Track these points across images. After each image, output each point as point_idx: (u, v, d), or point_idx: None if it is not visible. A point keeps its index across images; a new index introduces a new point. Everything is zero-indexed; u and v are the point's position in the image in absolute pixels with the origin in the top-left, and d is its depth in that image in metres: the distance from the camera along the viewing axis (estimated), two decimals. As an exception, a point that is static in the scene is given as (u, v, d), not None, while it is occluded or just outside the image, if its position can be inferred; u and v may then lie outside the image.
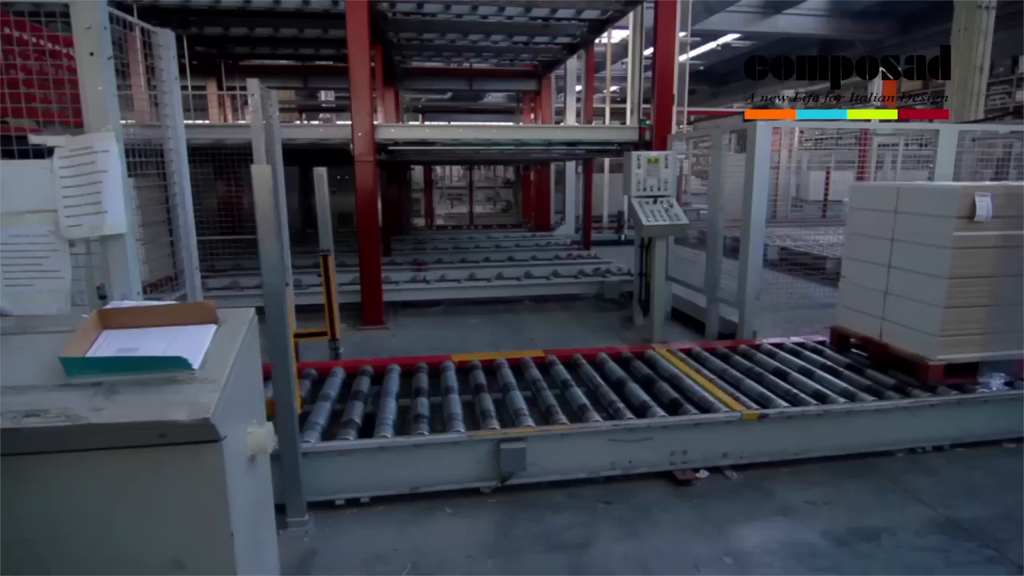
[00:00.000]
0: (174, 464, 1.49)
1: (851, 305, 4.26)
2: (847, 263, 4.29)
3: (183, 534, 1.55)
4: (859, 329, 4.18)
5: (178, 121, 2.66)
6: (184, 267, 2.75)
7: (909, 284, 3.74)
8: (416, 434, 3.06)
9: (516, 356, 4.23)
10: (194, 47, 9.59)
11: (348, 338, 5.96)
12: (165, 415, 1.47)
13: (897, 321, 3.86)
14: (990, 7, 12.69)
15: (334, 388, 3.70)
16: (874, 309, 4.01)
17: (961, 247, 3.46)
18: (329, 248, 4.19)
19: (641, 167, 5.63)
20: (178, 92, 2.66)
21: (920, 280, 3.66)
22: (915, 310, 3.71)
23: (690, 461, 3.25)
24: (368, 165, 5.96)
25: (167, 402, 1.50)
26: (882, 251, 3.91)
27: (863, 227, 4.10)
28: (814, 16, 20.64)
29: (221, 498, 1.55)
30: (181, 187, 2.70)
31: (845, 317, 4.33)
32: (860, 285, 4.14)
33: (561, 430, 3.13)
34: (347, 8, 5.74)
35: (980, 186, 3.52)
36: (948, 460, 3.44)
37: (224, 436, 1.52)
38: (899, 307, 3.83)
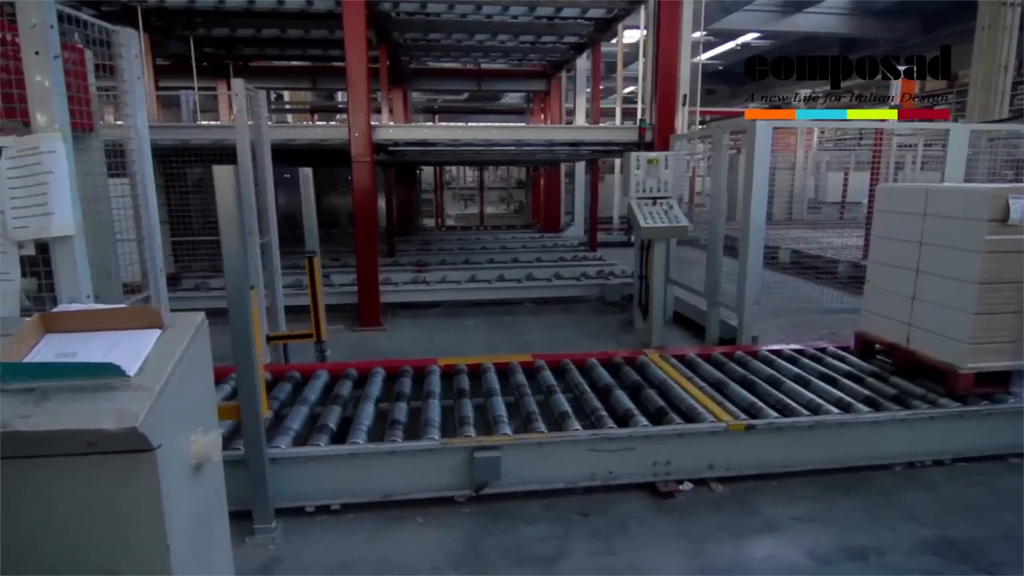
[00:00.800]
0: (107, 473, 1.46)
1: (877, 310, 4.12)
2: (872, 267, 4.16)
3: (117, 544, 1.52)
4: (885, 335, 4.04)
5: (140, 121, 2.62)
6: (148, 269, 2.72)
7: (938, 289, 3.60)
8: (389, 441, 2.99)
9: (503, 360, 4.15)
10: (203, 48, 9.68)
11: (344, 339, 5.94)
12: (93, 424, 1.43)
13: (925, 327, 3.71)
14: (1015, 4, 12.31)
15: (315, 392, 3.65)
16: (901, 315, 3.87)
17: (993, 251, 3.30)
18: (315, 250, 4.15)
19: (640, 168, 5.51)
20: (141, 91, 2.63)
21: (950, 285, 3.51)
22: (944, 316, 3.56)
23: (674, 472, 3.14)
24: (365, 165, 5.92)
25: (97, 410, 1.46)
26: (910, 255, 3.77)
27: (890, 230, 3.96)
28: (835, 15, 20.27)
29: (156, 508, 1.51)
30: (144, 187, 2.65)
31: (870, 322, 4.19)
32: (886, 290, 4.00)
33: (538, 439, 3.04)
34: (344, 8, 5.72)
35: (1014, 188, 3.37)
36: (948, 475, 3.28)
37: (158, 445, 1.48)
38: (927, 313, 3.69)
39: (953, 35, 16.12)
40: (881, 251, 4.06)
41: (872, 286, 4.15)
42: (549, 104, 11.63)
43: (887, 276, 3.99)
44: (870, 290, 4.17)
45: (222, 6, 7.45)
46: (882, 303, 4.04)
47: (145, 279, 2.70)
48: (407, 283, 7.10)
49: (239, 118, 3.82)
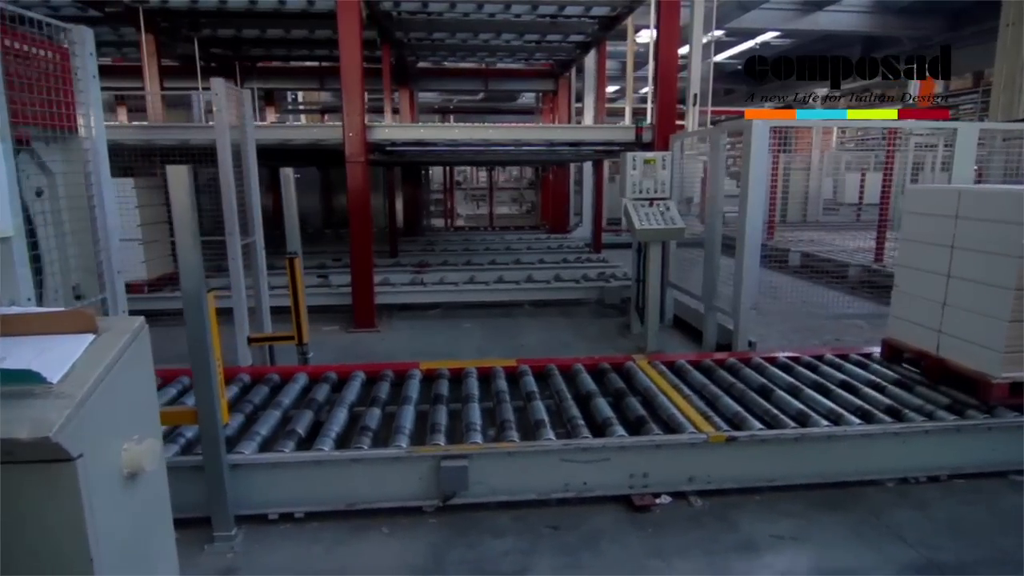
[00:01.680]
0: (26, 484, 1.41)
1: (905, 316, 3.98)
2: (901, 271, 4.03)
3: (38, 557, 1.47)
4: (913, 342, 3.90)
5: (97, 120, 2.57)
6: (104, 271, 2.67)
7: (971, 295, 3.46)
8: (355, 448, 2.92)
9: (486, 365, 4.06)
10: (210, 49, 9.74)
11: (336, 341, 5.90)
12: (7, 432, 1.38)
13: (957, 335, 3.57)
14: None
15: (290, 395, 3.59)
16: (931, 321, 3.73)
17: None
18: (296, 250, 4.09)
19: (637, 168, 5.39)
20: (96, 91, 2.58)
21: (983, 291, 3.37)
22: (977, 323, 3.41)
23: (651, 485, 3.02)
24: (359, 166, 5.87)
25: (12, 418, 1.41)
26: (940, 259, 3.63)
27: (919, 233, 3.83)
28: (857, 13, 19.84)
29: (78, 520, 1.46)
30: (99, 188, 2.60)
31: (898, 329, 4.05)
32: (915, 295, 3.87)
33: (508, 448, 2.94)
34: (338, 8, 5.67)
35: None
36: (943, 493, 3.12)
37: (79, 455, 1.42)
38: (959, 320, 3.55)
39: (979, 33, 15.71)
40: (910, 255, 3.93)
41: (900, 291, 4.02)
42: (557, 104, 11.51)
43: (916, 281, 3.85)
44: (898, 295, 4.04)
45: (224, 6, 7.47)
46: (911, 309, 3.90)
47: (102, 280, 2.65)
48: (405, 284, 7.05)
49: (217, 118, 3.78)
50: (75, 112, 4.19)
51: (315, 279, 7.27)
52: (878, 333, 6.23)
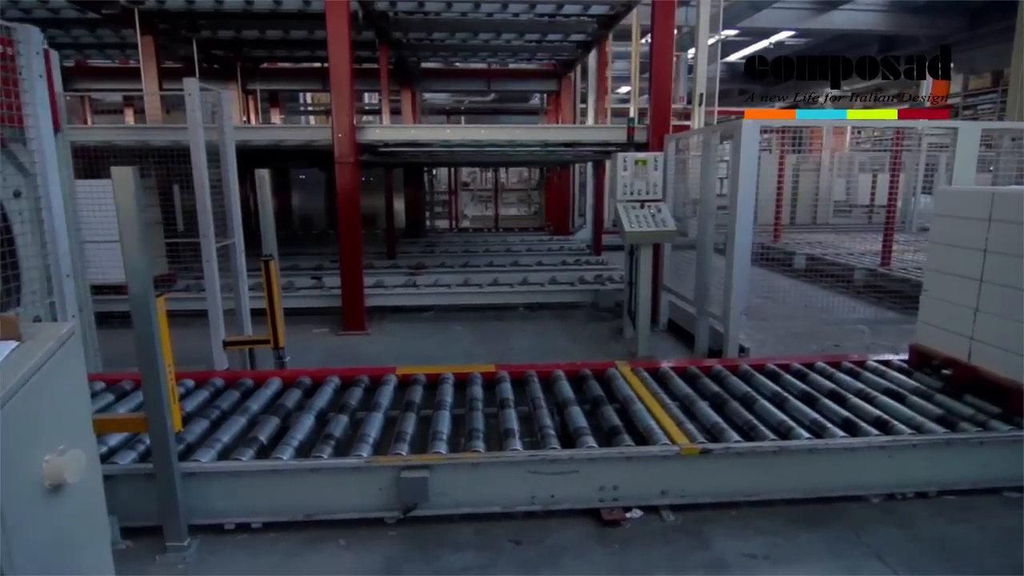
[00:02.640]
0: None
1: (934, 322, 3.85)
2: (929, 275, 3.90)
3: None
4: (943, 349, 3.76)
5: (43, 120, 2.52)
6: (52, 275, 2.62)
7: (1005, 301, 3.32)
8: (314, 457, 2.84)
9: (464, 370, 3.96)
10: (210, 50, 9.76)
11: (324, 343, 5.85)
12: None
13: (989, 342, 3.44)
14: (1060, -3, 11.56)
15: (260, 401, 3.52)
16: (962, 328, 3.60)
17: None
18: (272, 253, 4.03)
19: (627, 169, 5.28)
20: (44, 91, 2.53)
21: (1018, 297, 3.23)
22: (1011, 330, 3.28)
23: (622, 498, 2.90)
24: (348, 167, 5.81)
25: None
26: (972, 263, 3.50)
27: (950, 236, 3.70)
28: (873, 11, 19.49)
29: None
30: (46, 190, 2.55)
31: (927, 335, 3.92)
32: (945, 300, 3.74)
33: (472, 459, 2.84)
34: (326, 7, 5.61)
35: None
36: (931, 510, 2.96)
37: None
38: (992, 326, 3.42)
39: (998, 32, 15.38)
40: (939, 259, 3.80)
41: (929, 296, 3.89)
42: (560, 104, 11.40)
43: (946, 285, 3.72)
44: (927, 300, 3.91)
45: (221, 7, 7.45)
46: (940, 314, 3.78)
47: (49, 284, 2.60)
48: (398, 286, 6.98)
49: (190, 118, 3.73)
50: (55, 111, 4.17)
51: (309, 280, 7.25)
52: (879, 339, 6.07)
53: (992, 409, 3.32)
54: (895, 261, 8.13)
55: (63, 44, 9.86)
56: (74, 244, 4.20)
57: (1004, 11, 13.95)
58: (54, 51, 4.17)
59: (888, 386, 3.72)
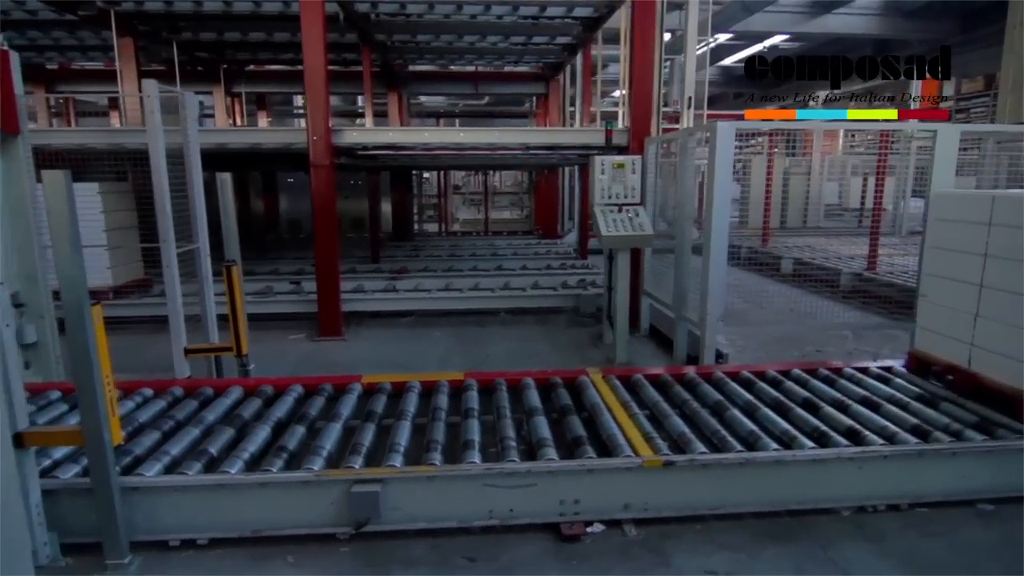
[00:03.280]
0: None
1: (933, 328, 3.81)
2: (927, 280, 3.86)
3: None
4: (943, 355, 3.71)
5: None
6: (-17, 282, 2.51)
7: (1006, 306, 3.27)
8: (262, 471, 2.74)
9: (431, 379, 3.87)
10: (193, 52, 9.67)
11: (297, 350, 5.75)
12: None
13: (990, 348, 3.39)
14: (1049, 1, 11.55)
15: (217, 411, 3.42)
16: (962, 333, 3.55)
17: None
18: (235, 259, 3.94)
19: (605, 173, 5.20)
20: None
21: (1019, 302, 3.18)
22: (1013, 336, 3.23)
23: (583, 512, 2.81)
24: (324, 170, 5.72)
25: None
26: (972, 268, 3.46)
27: (948, 240, 3.66)
28: (866, 15, 19.52)
29: None
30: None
31: (926, 340, 3.88)
32: (944, 305, 3.70)
33: (427, 472, 2.75)
34: (301, 8, 5.54)
35: None
36: (902, 523, 2.87)
37: None
38: (993, 332, 3.37)
39: (991, 35, 15.42)
40: (938, 263, 3.76)
41: (928, 301, 3.85)
42: (547, 107, 11.34)
43: (945, 290, 3.68)
44: (925, 305, 3.87)
45: (200, 9, 7.38)
46: (939, 320, 3.73)
47: None
48: (378, 291, 6.89)
49: (149, 120, 3.64)
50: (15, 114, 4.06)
51: (288, 285, 7.16)
52: (862, 344, 6.00)
53: (997, 417, 3.26)
54: (882, 265, 8.06)
55: (44, 46, 9.77)
56: (36, 248, 4.12)
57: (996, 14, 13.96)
58: (14, 52, 4.09)
59: (864, 394, 3.63)
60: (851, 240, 11.28)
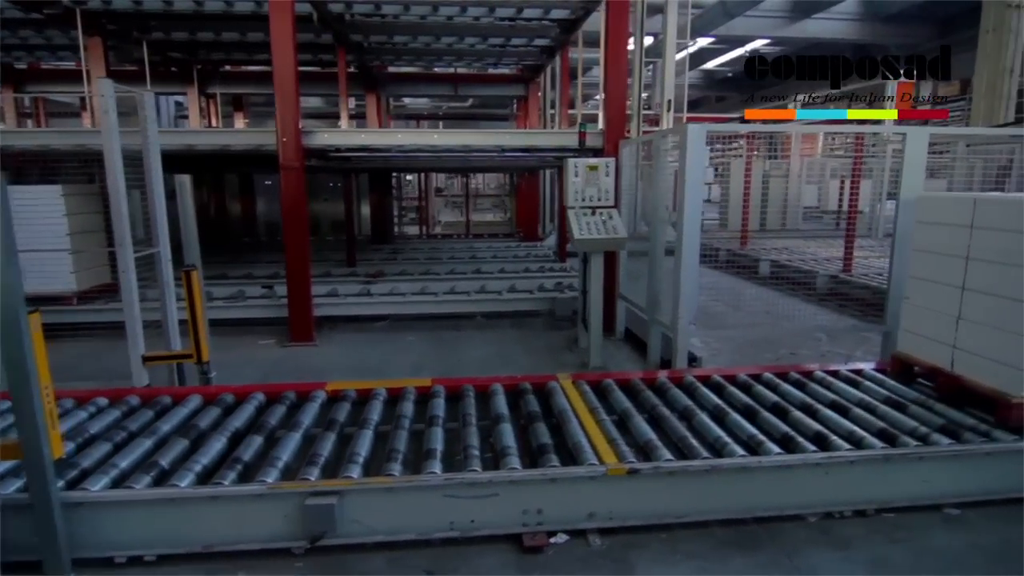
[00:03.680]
0: None
1: (916, 330, 3.81)
2: (912, 283, 3.87)
3: None
4: (925, 358, 3.72)
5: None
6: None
7: (988, 309, 3.28)
8: (213, 484, 2.65)
9: (397, 385, 3.79)
10: (166, 53, 9.50)
11: (267, 356, 5.64)
12: None
13: (972, 351, 3.39)
14: (1020, 6, 11.74)
15: (173, 421, 3.32)
16: (944, 336, 3.55)
17: None
18: (195, 263, 3.83)
19: (579, 175, 5.15)
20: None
21: (1002, 305, 3.19)
22: (995, 339, 3.24)
23: (547, 522, 2.75)
24: (294, 172, 5.61)
25: None
26: (954, 270, 3.46)
27: (931, 243, 3.67)
28: (845, 20, 19.79)
29: None
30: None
31: (908, 343, 3.88)
32: (927, 308, 3.69)
33: (385, 483, 2.67)
34: (270, 8, 5.44)
35: None
36: (868, 529, 2.85)
37: None
38: (975, 335, 3.37)
39: (967, 40, 15.69)
40: (921, 266, 3.76)
41: (911, 304, 3.85)
42: (527, 109, 11.30)
43: (928, 293, 3.68)
44: (908, 308, 3.87)
45: (170, 9, 7.24)
46: (922, 323, 3.73)
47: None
48: (352, 296, 6.79)
49: (104, 121, 3.52)
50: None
51: (260, 290, 7.02)
52: (836, 346, 6.01)
53: (966, 420, 3.27)
54: (858, 268, 8.11)
55: (12, 46, 9.55)
56: None
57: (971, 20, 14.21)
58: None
59: (833, 398, 3.62)
60: (829, 242, 11.38)
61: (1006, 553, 2.70)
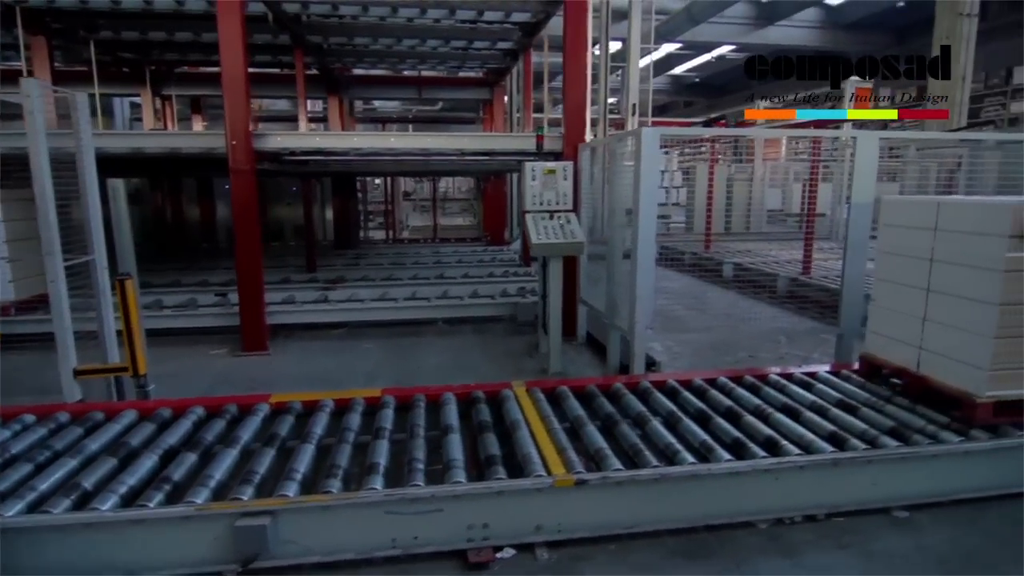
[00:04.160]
0: None
1: (883, 332, 3.84)
2: (879, 285, 3.89)
3: None
4: (892, 358, 3.75)
5: None
6: None
7: (952, 310, 3.31)
8: (137, 507, 2.50)
9: (345, 396, 3.67)
10: (117, 53, 9.18)
11: (216, 366, 5.44)
12: None
13: (937, 351, 3.42)
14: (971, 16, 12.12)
15: (103, 439, 3.14)
16: (910, 337, 3.58)
17: (1014, 270, 3.03)
18: (129, 271, 3.66)
19: (537, 179, 5.09)
20: None
21: (965, 306, 3.23)
22: (959, 339, 3.27)
23: (493, 537, 2.66)
24: (245, 175, 5.44)
25: None
26: (919, 273, 3.49)
27: (896, 245, 3.70)
28: (806, 28, 20.30)
29: None
30: None
31: (876, 344, 3.90)
32: (893, 310, 3.72)
33: (322, 501, 2.55)
34: (218, 7, 5.26)
35: None
36: (818, 534, 2.83)
37: None
38: (940, 336, 3.40)
39: (922, 47, 16.21)
40: (887, 268, 3.79)
41: (878, 305, 3.88)
42: (492, 112, 11.24)
43: (894, 295, 3.70)
44: (875, 310, 3.90)
45: (118, 7, 6.98)
46: (889, 324, 3.77)
47: None
48: (308, 303, 6.62)
49: (30, 122, 3.34)
50: None
51: (213, 297, 6.81)
52: (794, 348, 6.05)
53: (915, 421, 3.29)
54: (817, 270, 8.22)
55: (-50, 45, 9.12)
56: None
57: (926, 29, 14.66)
58: None
59: (785, 401, 3.61)
60: (791, 245, 11.56)
61: (952, 555, 2.70)
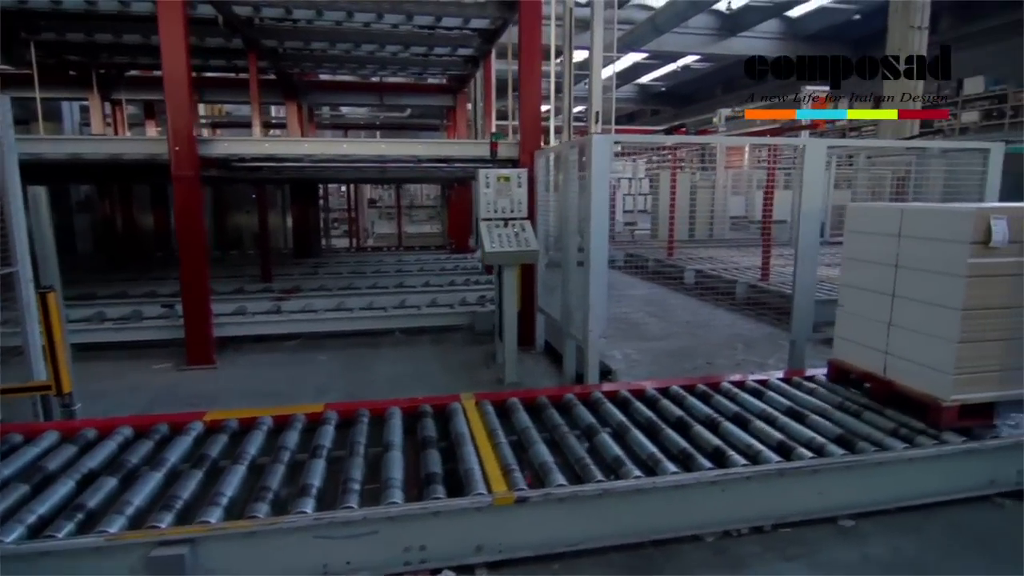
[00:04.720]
0: None
1: (850, 337, 3.85)
2: (845, 291, 3.90)
3: None
4: (859, 363, 3.77)
5: None
6: None
7: (917, 315, 3.35)
8: (45, 537, 2.32)
9: (285, 412, 3.52)
10: (62, 55, 8.84)
11: (159, 381, 5.21)
12: None
13: (903, 356, 3.44)
14: (923, 28, 12.53)
15: (17, 464, 2.93)
16: (877, 342, 3.60)
17: (976, 275, 3.07)
18: (52, 284, 3.45)
19: (491, 186, 5.01)
20: None
21: (930, 311, 3.27)
22: (924, 344, 3.30)
23: (431, 559, 2.55)
24: (188, 182, 5.24)
25: None
26: (885, 278, 3.52)
27: (862, 252, 3.72)
28: (768, 39, 20.92)
29: None
30: None
31: (843, 350, 3.91)
32: (860, 315, 3.74)
33: (246, 527, 2.41)
34: (158, 8, 5.07)
35: (996, 208, 3.14)
36: (764, 546, 2.79)
37: None
38: (906, 341, 3.43)
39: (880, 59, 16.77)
40: (853, 274, 3.81)
41: (845, 311, 3.89)
42: (455, 119, 11.16)
43: (860, 301, 3.72)
44: (843, 315, 3.91)
45: (59, 8, 6.73)
46: (856, 329, 3.79)
47: None
48: (259, 314, 6.41)
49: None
50: None
51: (159, 309, 6.55)
52: (751, 355, 6.08)
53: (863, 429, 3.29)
54: (774, 276, 8.31)
55: None
56: None
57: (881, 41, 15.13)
58: None
59: (736, 410, 3.58)
60: (753, 251, 11.71)
61: (896, 564, 2.68)
